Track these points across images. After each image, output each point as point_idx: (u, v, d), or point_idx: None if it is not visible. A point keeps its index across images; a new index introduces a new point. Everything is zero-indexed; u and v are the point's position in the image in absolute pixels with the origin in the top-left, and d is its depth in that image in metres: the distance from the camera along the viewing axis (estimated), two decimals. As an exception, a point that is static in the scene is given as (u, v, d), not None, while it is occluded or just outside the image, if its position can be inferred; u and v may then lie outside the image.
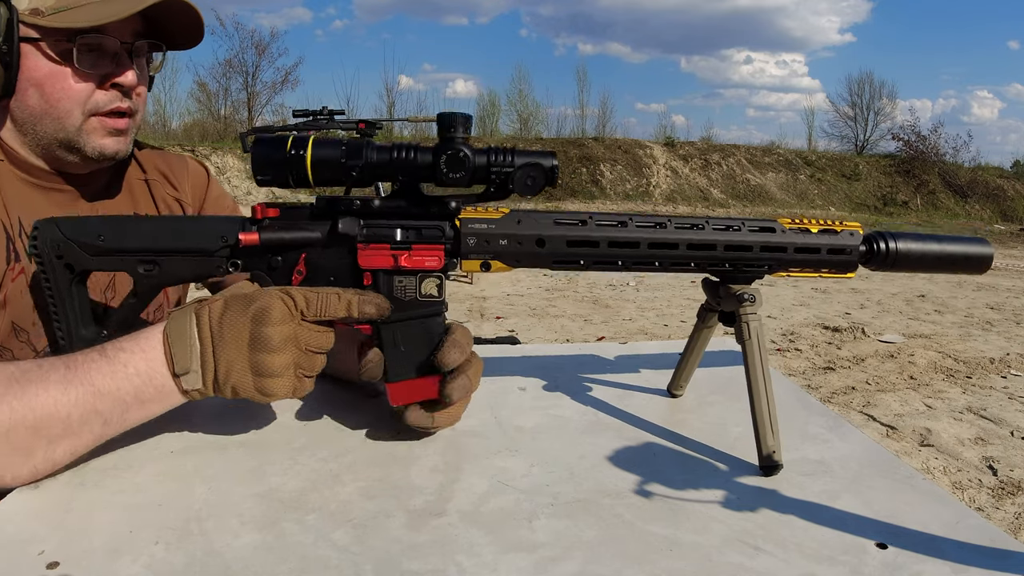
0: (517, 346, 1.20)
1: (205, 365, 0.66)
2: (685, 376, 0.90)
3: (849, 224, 0.76)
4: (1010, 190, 16.76)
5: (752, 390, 0.72)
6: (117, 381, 0.65)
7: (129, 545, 0.56)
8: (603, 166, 15.41)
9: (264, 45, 17.80)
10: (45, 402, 0.62)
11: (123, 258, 0.74)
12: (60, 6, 0.81)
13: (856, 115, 21.31)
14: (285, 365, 0.66)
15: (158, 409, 0.67)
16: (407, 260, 0.72)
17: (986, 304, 5.90)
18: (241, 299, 0.67)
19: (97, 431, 0.65)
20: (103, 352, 0.66)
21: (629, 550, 0.57)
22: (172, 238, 0.74)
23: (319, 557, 0.55)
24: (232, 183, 11.73)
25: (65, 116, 0.84)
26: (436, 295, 0.74)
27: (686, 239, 0.73)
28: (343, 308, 0.69)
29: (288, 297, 0.67)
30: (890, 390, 3.54)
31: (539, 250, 0.73)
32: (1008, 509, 2.37)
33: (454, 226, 0.73)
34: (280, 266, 0.74)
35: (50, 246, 0.72)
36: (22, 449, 0.62)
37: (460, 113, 0.69)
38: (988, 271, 0.80)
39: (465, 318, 4.90)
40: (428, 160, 0.69)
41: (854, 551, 0.57)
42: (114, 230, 0.74)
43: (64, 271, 0.73)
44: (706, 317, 0.84)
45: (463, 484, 0.68)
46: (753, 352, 0.72)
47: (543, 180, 0.71)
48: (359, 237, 0.72)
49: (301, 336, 0.67)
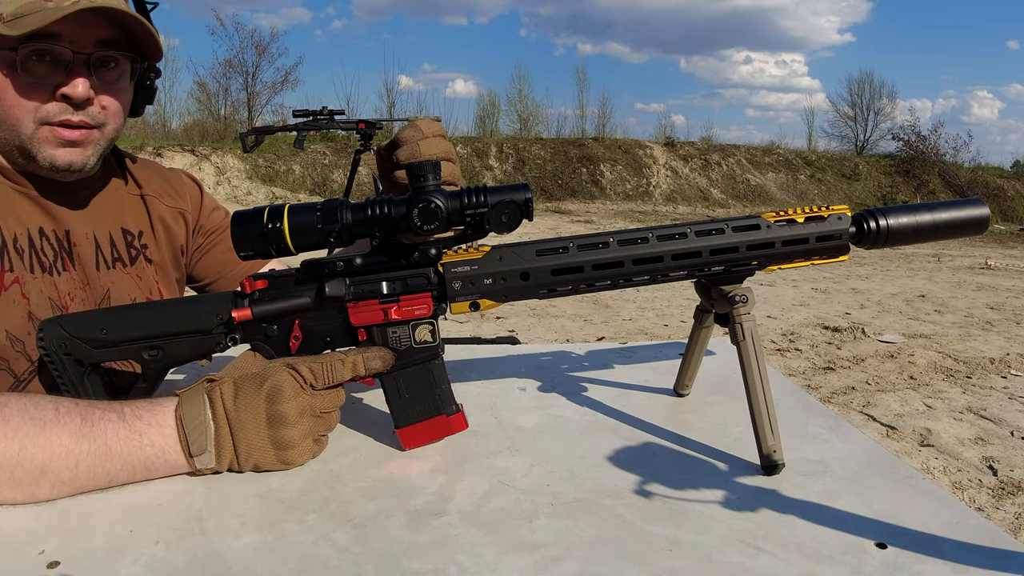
0: (517, 346, 1.21)
1: (222, 447, 0.68)
2: (690, 375, 0.90)
3: (836, 208, 0.75)
4: (1010, 190, 16.76)
5: (750, 390, 0.72)
6: (131, 448, 0.66)
7: (129, 545, 0.56)
8: (603, 166, 15.41)
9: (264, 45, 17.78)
10: (58, 450, 0.63)
11: (127, 347, 0.76)
12: (18, 12, 0.78)
13: (856, 115, 21.32)
14: (304, 435, 0.69)
15: (161, 476, 0.69)
16: (397, 312, 0.74)
17: (986, 304, 5.90)
18: (251, 380, 0.69)
19: (101, 484, 0.66)
20: (121, 415, 0.67)
21: (629, 550, 0.57)
22: (171, 322, 0.76)
23: (319, 557, 0.55)
24: (232, 183, 11.73)
25: (16, 123, 0.81)
26: (431, 340, 0.75)
27: (670, 251, 0.73)
28: (348, 371, 0.72)
29: (296, 372, 0.70)
30: (890, 390, 3.54)
31: (525, 283, 0.73)
32: (1008, 509, 2.37)
33: (438, 272, 0.74)
34: (276, 334, 0.76)
35: (57, 345, 0.74)
36: (25, 486, 0.63)
37: (428, 161, 0.70)
38: (986, 231, 0.78)
39: (465, 318, 4.90)
40: (402, 212, 0.70)
41: (854, 551, 0.57)
42: (115, 322, 0.76)
43: (75, 366, 0.75)
44: (702, 318, 0.84)
45: (463, 484, 0.68)
46: (749, 353, 0.72)
47: (518, 215, 0.71)
48: (347, 296, 0.74)
49: (315, 405, 0.70)
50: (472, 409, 0.85)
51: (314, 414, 0.70)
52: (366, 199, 0.71)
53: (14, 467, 0.62)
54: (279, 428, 0.68)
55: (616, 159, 15.72)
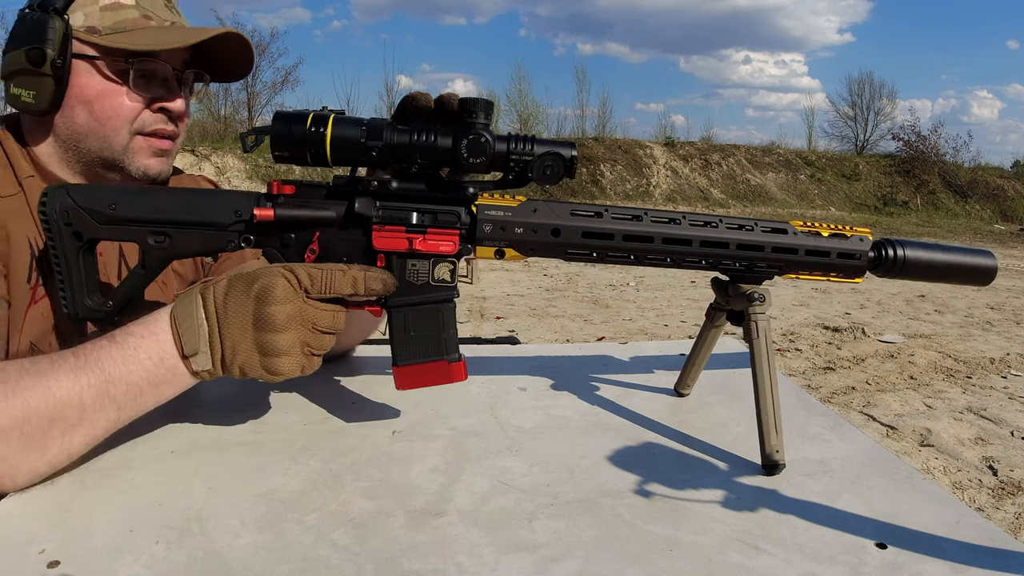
0: (517, 346, 1.21)
1: (213, 346, 0.66)
2: (693, 375, 0.90)
3: (859, 229, 0.76)
4: (1010, 190, 16.74)
5: (758, 389, 0.72)
6: (129, 366, 0.65)
7: (130, 545, 0.56)
8: (603, 166, 15.41)
9: (264, 45, 17.77)
10: (58, 392, 0.62)
11: (133, 228, 0.73)
12: (117, 27, 0.82)
13: (856, 115, 21.32)
14: (291, 344, 0.66)
15: (170, 392, 0.67)
16: (421, 244, 0.72)
17: (986, 304, 5.89)
18: (244, 278, 0.67)
19: (112, 417, 0.65)
20: (112, 339, 0.66)
21: (629, 550, 0.57)
22: (185, 210, 0.73)
23: (319, 557, 0.55)
24: (232, 183, 11.72)
25: (112, 134, 0.84)
26: (449, 280, 0.73)
27: (700, 236, 0.73)
28: (348, 284, 0.68)
29: (291, 274, 0.67)
30: (890, 390, 3.54)
31: (554, 240, 0.73)
32: (1008, 509, 2.37)
33: (470, 212, 0.72)
34: (293, 244, 0.73)
35: (59, 212, 0.71)
36: (38, 441, 0.62)
37: (483, 98, 0.69)
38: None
39: (465, 318, 4.90)
40: (448, 144, 0.69)
41: (854, 551, 0.57)
42: (127, 199, 0.73)
43: (72, 239, 0.72)
44: (715, 316, 0.84)
45: (463, 484, 0.68)
46: (761, 351, 0.73)
47: (562, 170, 0.70)
48: (374, 218, 0.71)
49: (307, 314, 0.67)
50: (472, 409, 0.86)
51: (305, 324, 0.67)
52: (413, 124, 0.69)
53: (23, 424, 0.61)
54: (265, 332, 0.65)
55: (616, 159, 15.72)
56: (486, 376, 0.97)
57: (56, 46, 0.79)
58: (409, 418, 0.83)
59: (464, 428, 0.80)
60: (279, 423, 0.80)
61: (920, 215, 15.74)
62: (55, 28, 0.79)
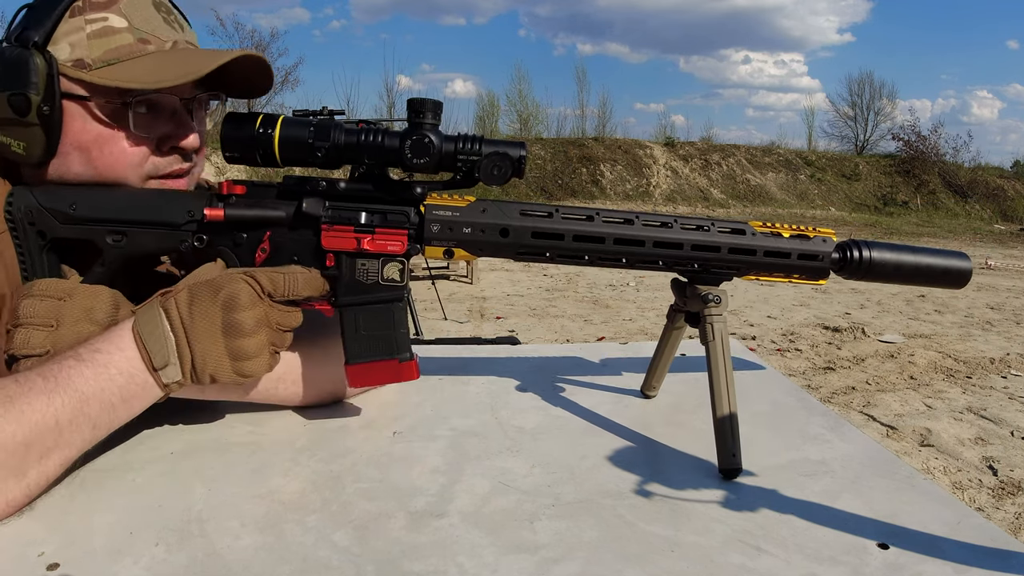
0: (517, 346, 1.20)
1: (182, 357, 0.66)
2: (658, 377, 0.89)
3: (823, 230, 0.75)
4: (1010, 190, 16.75)
5: (714, 393, 0.71)
6: (101, 383, 0.63)
7: (129, 546, 0.56)
8: (603, 166, 15.41)
9: (264, 45, 17.81)
10: (32, 416, 0.59)
11: (92, 227, 0.73)
12: (110, 58, 0.71)
13: (856, 115, 21.36)
14: (260, 346, 0.68)
15: (139, 407, 0.67)
16: (370, 243, 0.73)
17: (986, 304, 5.89)
18: (206, 287, 0.67)
19: (88, 436, 0.63)
20: (78, 357, 0.64)
21: (630, 551, 0.57)
22: (141, 210, 0.74)
23: (320, 558, 0.55)
24: (232, 183, 11.72)
25: (119, 180, 0.75)
26: (398, 280, 0.74)
27: (653, 237, 0.73)
28: (304, 286, 0.70)
29: (253, 280, 0.68)
30: (890, 390, 3.54)
31: (503, 240, 0.73)
32: (1008, 509, 2.37)
33: (419, 212, 0.73)
34: (244, 243, 0.74)
35: (23, 212, 0.73)
36: (15, 468, 0.59)
37: (430, 99, 0.69)
38: (969, 284, 0.79)
39: (465, 318, 4.90)
40: (395, 144, 0.70)
41: (855, 551, 0.57)
42: (86, 199, 0.74)
43: (36, 238, 0.73)
44: (675, 318, 0.84)
45: (464, 485, 0.68)
46: (716, 354, 0.71)
47: (510, 170, 0.71)
48: (323, 218, 0.73)
49: (272, 316, 0.69)
50: (472, 409, 0.85)
51: (271, 325, 0.68)
52: (360, 125, 0.71)
53: None
54: (235, 338, 0.66)
55: (616, 159, 15.72)
56: (486, 376, 0.97)
57: (40, 90, 0.69)
58: (409, 419, 0.83)
59: (464, 429, 0.80)
60: (279, 424, 0.80)
61: (920, 215, 15.75)
62: (37, 68, 0.69)
